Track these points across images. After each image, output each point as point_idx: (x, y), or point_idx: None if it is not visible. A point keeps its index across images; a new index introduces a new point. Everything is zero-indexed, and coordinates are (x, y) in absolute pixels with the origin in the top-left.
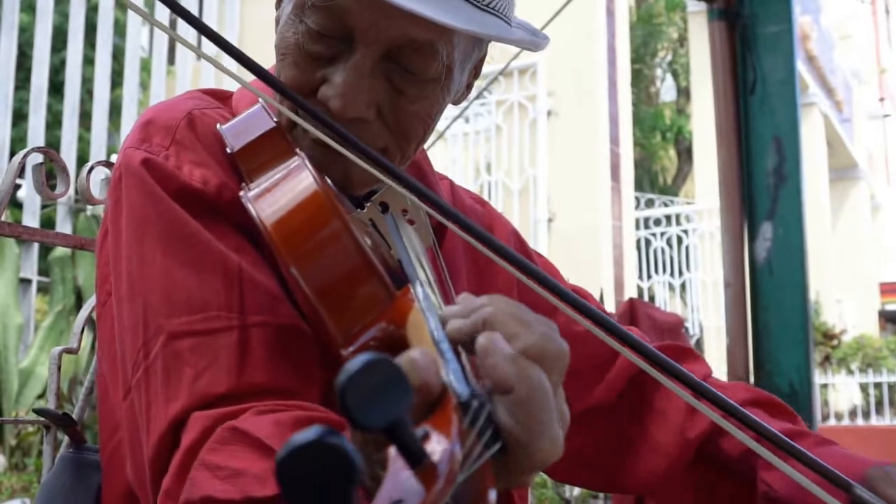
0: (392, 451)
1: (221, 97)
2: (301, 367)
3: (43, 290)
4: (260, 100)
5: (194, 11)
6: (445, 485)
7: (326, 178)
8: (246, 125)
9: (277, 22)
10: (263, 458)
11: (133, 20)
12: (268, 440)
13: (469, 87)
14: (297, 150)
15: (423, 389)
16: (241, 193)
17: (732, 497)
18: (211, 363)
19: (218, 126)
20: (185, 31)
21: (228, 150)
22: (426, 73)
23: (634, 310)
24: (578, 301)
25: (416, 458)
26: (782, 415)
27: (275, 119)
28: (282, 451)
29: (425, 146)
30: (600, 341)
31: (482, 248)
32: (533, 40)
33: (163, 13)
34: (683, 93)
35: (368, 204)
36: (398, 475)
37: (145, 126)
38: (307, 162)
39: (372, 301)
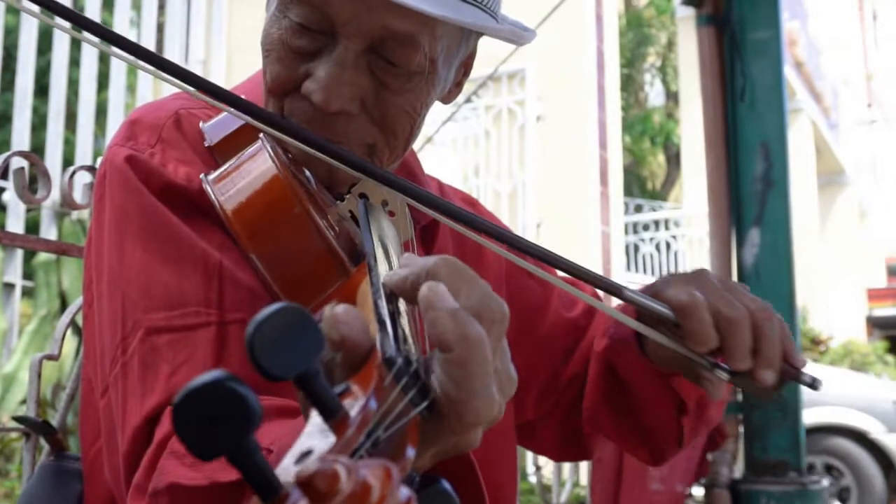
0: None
1: None
2: None
3: (27, 294)
4: (242, 97)
5: (182, 14)
6: (355, 433)
7: (305, 171)
8: (226, 122)
9: None
10: None
11: (120, 22)
12: None
13: (459, 85)
14: (261, 136)
15: (345, 344)
16: (202, 175)
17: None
18: (188, 359)
19: (201, 124)
20: (171, 34)
21: (206, 144)
22: (409, 65)
23: None
24: (576, 268)
25: (329, 410)
26: None
27: None
28: (180, 394)
29: (414, 149)
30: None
31: (470, 233)
32: (514, 31)
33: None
34: (672, 97)
35: (348, 196)
36: (312, 427)
37: (132, 125)
38: (267, 144)
39: (328, 280)
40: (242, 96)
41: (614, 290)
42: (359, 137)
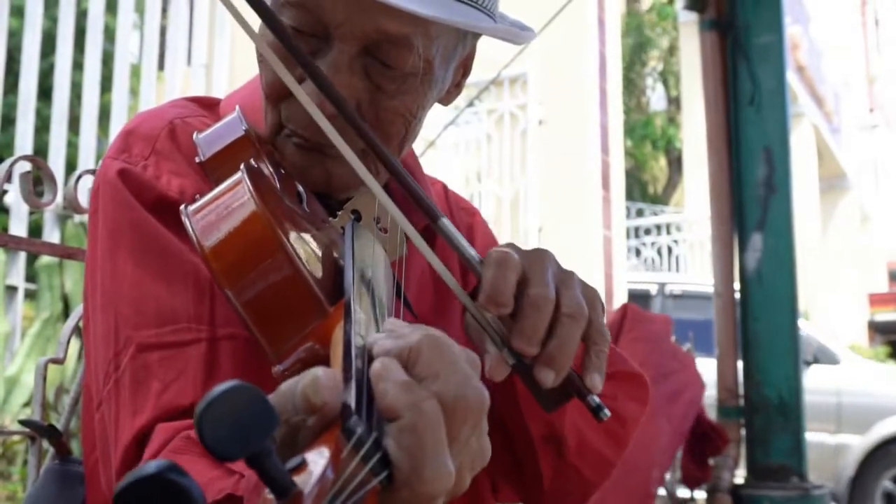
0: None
1: (208, 105)
2: (268, 380)
3: (30, 296)
4: (237, 108)
5: (185, 16)
6: None
7: (297, 186)
8: (219, 134)
9: None
10: (214, 467)
11: (123, 25)
12: None
13: (458, 86)
14: (243, 164)
15: (324, 409)
16: (182, 207)
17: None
18: (178, 375)
19: (194, 135)
20: (174, 37)
21: (198, 160)
22: (403, 66)
23: (624, 317)
24: (409, 187)
25: (281, 490)
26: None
27: (244, 127)
28: (121, 483)
29: (416, 153)
30: None
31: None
32: (511, 30)
33: (154, 13)
34: (674, 102)
35: (340, 212)
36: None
37: (127, 136)
38: (247, 176)
39: (304, 320)
40: (237, 106)
41: (432, 215)
42: (352, 140)
